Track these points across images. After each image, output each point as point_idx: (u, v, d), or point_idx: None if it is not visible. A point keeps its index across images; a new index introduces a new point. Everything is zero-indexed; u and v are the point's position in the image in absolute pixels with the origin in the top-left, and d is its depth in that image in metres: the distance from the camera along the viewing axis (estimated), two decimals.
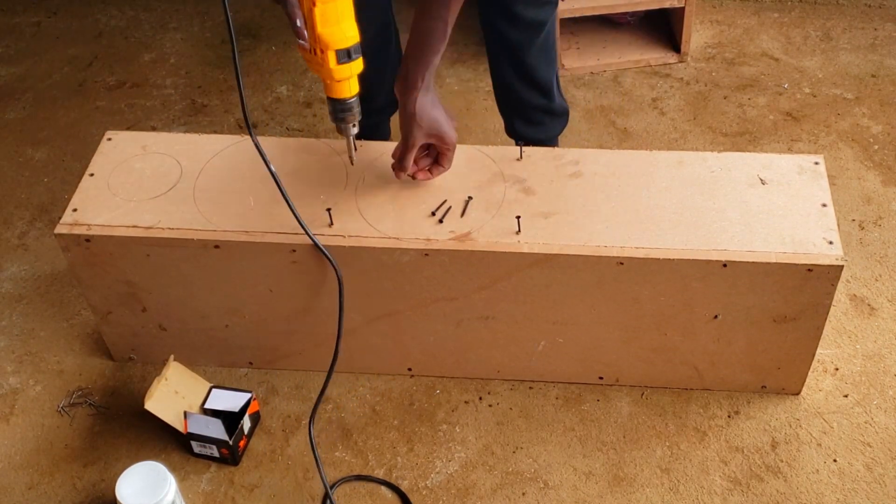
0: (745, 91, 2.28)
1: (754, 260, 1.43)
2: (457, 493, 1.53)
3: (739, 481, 1.53)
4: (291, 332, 1.64)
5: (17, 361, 1.76)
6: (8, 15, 2.68)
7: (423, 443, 1.61)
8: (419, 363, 1.67)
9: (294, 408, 1.66)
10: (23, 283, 1.91)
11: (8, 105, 2.37)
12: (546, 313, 1.54)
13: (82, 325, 1.81)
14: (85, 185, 1.59)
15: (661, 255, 1.44)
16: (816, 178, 1.55)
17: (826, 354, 1.69)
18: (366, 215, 1.52)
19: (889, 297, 1.79)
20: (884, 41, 2.41)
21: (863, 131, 2.15)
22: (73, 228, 1.53)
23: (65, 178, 2.14)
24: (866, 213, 1.95)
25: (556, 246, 1.46)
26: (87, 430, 1.65)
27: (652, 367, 1.61)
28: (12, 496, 1.56)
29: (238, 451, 1.57)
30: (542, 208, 1.52)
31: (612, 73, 2.35)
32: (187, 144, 1.66)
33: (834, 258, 1.42)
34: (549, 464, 1.57)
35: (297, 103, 2.33)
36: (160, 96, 2.38)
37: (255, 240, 1.49)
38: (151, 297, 1.61)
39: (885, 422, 1.59)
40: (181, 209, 1.54)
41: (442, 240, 1.48)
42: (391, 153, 1.55)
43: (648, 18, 2.47)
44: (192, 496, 1.55)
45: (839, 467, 1.54)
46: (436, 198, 1.54)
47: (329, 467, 1.58)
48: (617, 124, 2.21)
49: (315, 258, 1.50)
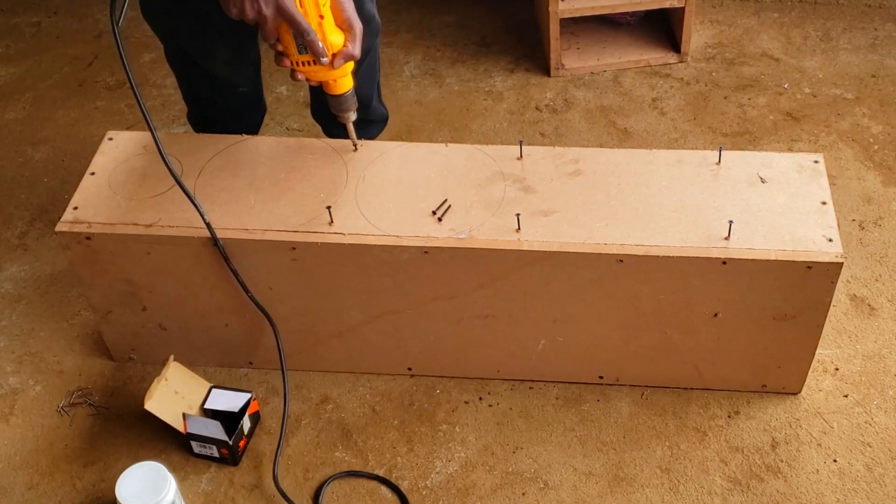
0: (746, 91, 2.28)
1: (754, 257, 1.43)
2: (457, 493, 1.53)
3: (739, 481, 1.53)
4: (291, 331, 1.63)
5: (17, 361, 1.76)
6: (8, 15, 2.68)
7: (423, 443, 1.60)
8: (419, 363, 1.67)
9: (294, 408, 1.66)
10: (23, 283, 1.91)
11: (8, 105, 2.37)
12: (546, 311, 1.54)
13: (82, 325, 1.81)
14: (86, 184, 1.60)
15: (660, 252, 1.44)
16: (816, 176, 1.55)
17: (826, 354, 1.69)
18: (365, 213, 1.52)
19: (889, 297, 1.79)
20: (884, 41, 2.41)
21: (863, 131, 2.15)
22: (73, 226, 1.53)
23: (65, 178, 2.14)
24: (866, 213, 1.95)
25: (555, 244, 1.46)
26: (87, 430, 1.65)
27: (652, 365, 1.61)
28: (12, 496, 1.56)
29: (238, 451, 1.57)
30: (542, 206, 1.52)
31: (612, 73, 2.36)
32: (188, 144, 1.66)
33: (833, 255, 1.42)
34: (549, 464, 1.56)
35: (297, 103, 2.33)
36: (160, 96, 2.38)
37: (255, 238, 1.49)
38: (151, 295, 1.61)
39: (885, 422, 1.59)
40: (181, 207, 1.54)
41: (442, 237, 1.48)
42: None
43: (648, 18, 2.47)
44: (192, 496, 1.54)
45: (839, 467, 1.54)
46: (436, 196, 1.54)
47: (329, 467, 1.58)
48: (617, 124, 2.21)
49: (315, 257, 1.50)
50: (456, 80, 2.36)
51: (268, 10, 1.37)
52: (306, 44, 1.42)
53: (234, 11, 1.39)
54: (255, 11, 1.37)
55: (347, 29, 1.46)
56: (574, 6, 2.27)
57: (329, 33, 1.43)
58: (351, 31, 1.46)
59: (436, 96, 2.32)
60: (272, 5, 1.37)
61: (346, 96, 1.54)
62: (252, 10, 1.37)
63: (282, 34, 1.43)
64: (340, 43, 1.45)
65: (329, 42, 1.44)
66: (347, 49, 1.46)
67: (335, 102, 1.55)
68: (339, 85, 1.52)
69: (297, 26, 1.39)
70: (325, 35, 1.43)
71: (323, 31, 1.42)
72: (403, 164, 1.60)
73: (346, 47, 1.46)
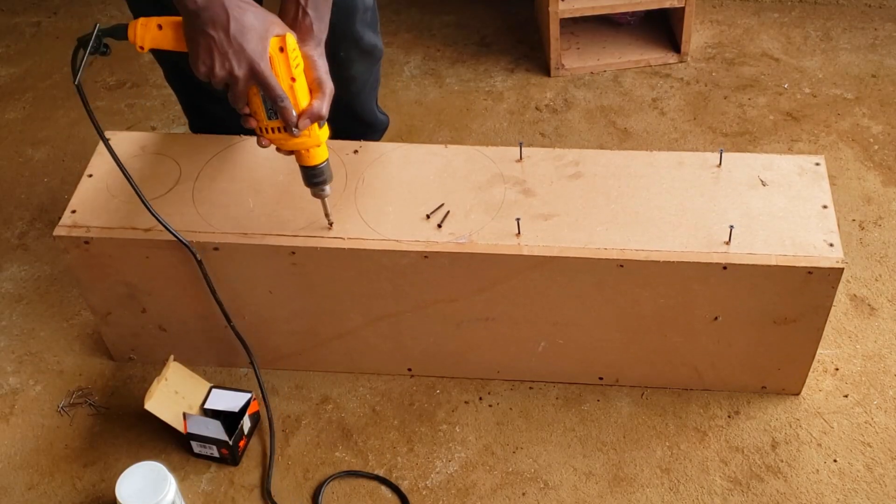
0: (746, 91, 2.28)
1: (755, 262, 1.43)
2: (457, 493, 1.54)
3: (739, 481, 1.53)
4: (291, 333, 1.64)
5: (17, 361, 1.76)
6: (8, 15, 2.68)
7: (423, 443, 1.61)
8: (419, 363, 1.68)
9: (294, 408, 1.66)
10: (23, 283, 1.91)
11: (8, 105, 2.37)
12: (546, 315, 1.54)
13: (82, 325, 1.81)
14: (84, 187, 1.59)
15: (661, 257, 1.44)
16: (817, 179, 1.55)
17: (826, 354, 1.69)
18: (365, 217, 1.52)
19: (889, 297, 1.79)
20: (884, 41, 2.41)
21: (863, 131, 2.15)
22: (72, 230, 1.53)
23: (65, 178, 2.14)
24: (866, 214, 1.95)
25: (556, 248, 1.46)
26: (87, 430, 1.65)
27: (652, 367, 1.62)
28: (12, 496, 1.56)
29: (238, 451, 1.57)
30: (542, 210, 1.52)
31: (612, 73, 2.35)
32: (186, 145, 1.66)
33: (834, 260, 1.42)
34: (549, 464, 1.57)
35: None
36: (160, 96, 2.38)
37: (255, 242, 1.49)
38: (151, 298, 1.61)
39: (885, 422, 1.59)
40: (180, 211, 1.54)
41: (441, 242, 1.48)
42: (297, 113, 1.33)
43: (648, 18, 2.46)
44: (192, 496, 1.55)
45: (839, 467, 1.54)
46: (436, 199, 1.54)
47: (329, 467, 1.58)
48: (617, 124, 2.21)
49: (315, 261, 1.50)
50: (456, 80, 2.36)
51: (240, 70, 1.25)
52: (278, 110, 1.29)
53: (203, 70, 1.25)
54: (227, 72, 1.25)
55: (317, 88, 1.32)
56: (574, 6, 2.26)
57: (300, 98, 1.30)
58: (321, 91, 1.32)
59: (436, 96, 2.32)
60: (245, 66, 1.25)
61: (319, 168, 1.39)
62: (223, 69, 1.25)
63: (251, 97, 1.30)
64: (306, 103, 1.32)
65: (299, 107, 1.31)
66: (313, 108, 1.31)
67: (307, 174, 1.40)
68: (313, 156, 1.37)
69: (271, 91, 1.27)
70: (297, 99, 1.30)
71: (294, 94, 1.29)
72: (403, 166, 1.60)
73: (311, 106, 1.31)
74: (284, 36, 1.28)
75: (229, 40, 1.24)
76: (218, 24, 1.24)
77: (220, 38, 1.24)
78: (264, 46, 1.26)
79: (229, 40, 1.24)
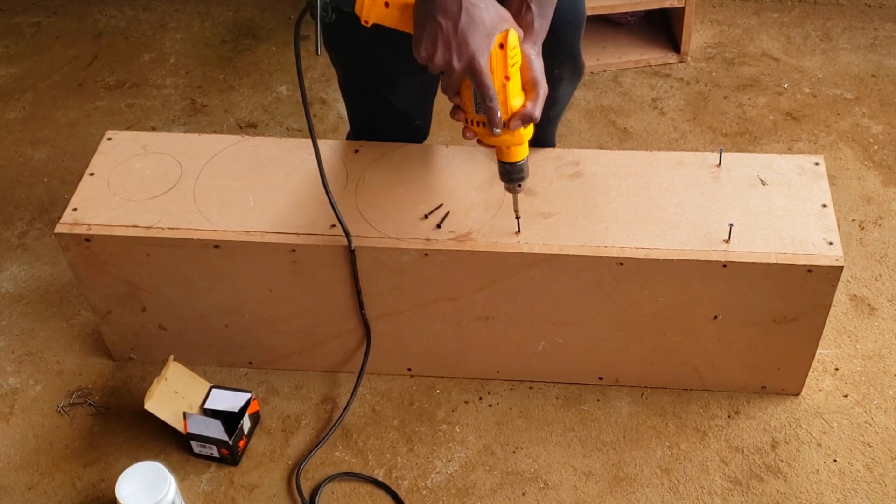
0: (745, 91, 2.28)
1: (754, 261, 1.43)
2: (457, 493, 1.54)
3: (739, 481, 1.53)
4: (291, 332, 1.64)
5: (17, 361, 1.76)
6: (8, 15, 2.68)
7: (423, 443, 1.61)
8: (419, 363, 1.67)
9: (294, 408, 1.66)
10: (23, 283, 1.91)
11: (8, 105, 2.37)
12: (546, 314, 1.54)
13: (82, 325, 1.81)
14: (85, 185, 1.60)
15: (660, 255, 1.44)
16: (817, 178, 1.55)
17: (826, 354, 1.69)
18: (365, 215, 1.52)
19: (889, 297, 1.79)
20: (884, 41, 2.41)
21: (863, 131, 2.15)
22: (73, 228, 1.53)
23: (65, 178, 2.14)
24: (866, 213, 1.96)
25: (555, 246, 1.46)
26: (87, 430, 1.65)
27: (652, 367, 1.62)
28: (12, 496, 1.56)
29: (238, 451, 1.57)
30: (542, 209, 1.52)
31: (612, 73, 2.36)
32: (187, 144, 1.66)
33: (834, 259, 1.42)
34: (549, 464, 1.57)
35: (297, 103, 2.33)
36: (160, 96, 2.38)
37: (255, 240, 1.49)
38: (151, 296, 1.61)
39: (885, 422, 1.59)
40: (181, 209, 1.54)
41: (442, 240, 1.48)
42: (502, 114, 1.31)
43: (648, 18, 2.47)
44: (192, 496, 1.55)
45: (839, 467, 1.54)
46: (436, 198, 1.54)
47: (329, 467, 1.58)
48: (617, 124, 2.21)
49: (315, 259, 1.50)
50: None
51: (459, 64, 1.25)
52: (485, 108, 1.29)
53: (423, 55, 1.26)
54: (445, 62, 1.25)
55: (531, 89, 1.31)
56: None
57: (512, 97, 1.29)
58: (534, 92, 1.31)
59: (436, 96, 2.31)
60: (465, 60, 1.24)
61: (518, 165, 1.38)
62: (443, 59, 1.25)
63: (462, 88, 1.30)
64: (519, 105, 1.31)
65: (509, 106, 1.30)
66: (526, 109, 1.30)
67: (505, 170, 1.40)
68: (512, 153, 1.37)
69: (483, 89, 1.27)
70: (508, 98, 1.29)
71: (506, 93, 1.28)
72: (404, 165, 1.60)
73: (524, 108, 1.30)
74: (507, 32, 1.26)
75: (456, 32, 1.24)
76: (449, 14, 1.23)
77: (448, 28, 1.24)
78: (488, 44, 1.25)
79: (456, 32, 1.24)
